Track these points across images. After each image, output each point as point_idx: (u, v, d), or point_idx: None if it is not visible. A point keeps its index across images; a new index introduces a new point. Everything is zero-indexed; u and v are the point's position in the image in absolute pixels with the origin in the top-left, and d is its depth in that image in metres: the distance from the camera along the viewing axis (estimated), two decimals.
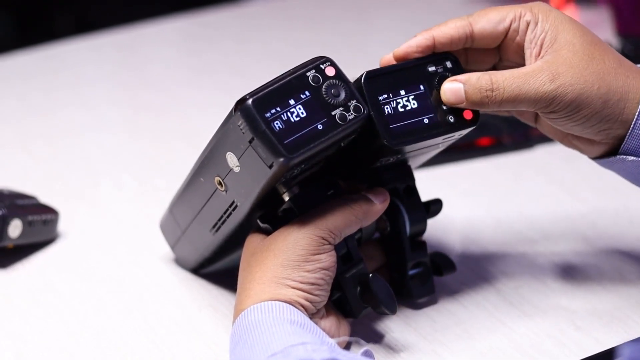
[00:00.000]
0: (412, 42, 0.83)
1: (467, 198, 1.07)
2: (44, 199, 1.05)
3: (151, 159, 1.20)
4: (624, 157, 0.81)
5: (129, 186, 1.14)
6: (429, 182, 1.01)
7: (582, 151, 0.84)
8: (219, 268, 0.93)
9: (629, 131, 0.79)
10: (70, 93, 1.39)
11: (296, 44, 1.53)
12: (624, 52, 1.29)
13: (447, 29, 0.82)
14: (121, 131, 1.29)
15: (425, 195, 0.89)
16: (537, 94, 0.77)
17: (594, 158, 0.84)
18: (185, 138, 1.23)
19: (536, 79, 0.78)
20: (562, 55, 0.78)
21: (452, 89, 0.80)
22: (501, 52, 0.84)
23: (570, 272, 0.92)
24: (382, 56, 0.84)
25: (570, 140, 0.84)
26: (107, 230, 1.04)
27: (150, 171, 1.17)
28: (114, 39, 1.57)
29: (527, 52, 0.81)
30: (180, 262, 0.96)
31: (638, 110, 0.79)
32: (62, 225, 1.03)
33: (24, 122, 1.31)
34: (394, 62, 0.83)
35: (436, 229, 0.98)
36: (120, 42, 1.56)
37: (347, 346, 0.83)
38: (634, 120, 0.79)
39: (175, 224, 0.91)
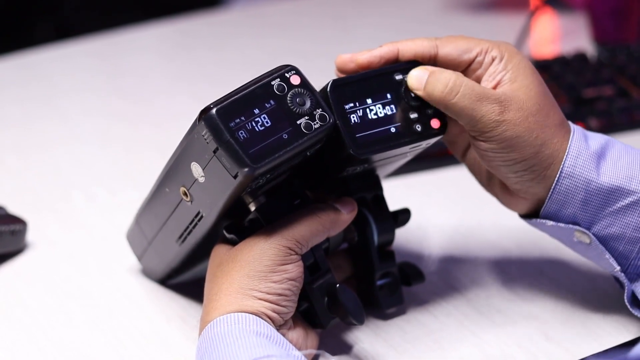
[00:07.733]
0: (376, 53, 0.82)
1: (439, 206, 1.06)
2: (14, 209, 1.04)
3: (124, 170, 1.19)
4: (544, 221, 0.83)
5: (100, 197, 1.13)
6: (402, 191, 1.01)
7: (503, 203, 0.86)
8: (187, 279, 0.92)
9: (549, 195, 0.81)
10: (44, 103, 1.38)
11: (272, 51, 1.52)
12: (600, 60, 1.29)
13: (413, 45, 0.82)
14: (94, 142, 1.28)
15: (397, 204, 0.89)
16: (482, 118, 0.79)
17: (520, 216, 0.86)
18: (159, 148, 1.22)
19: (488, 105, 0.79)
20: (517, 95, 0.80)
21: (418, 75, 0.81)
22: None
23: (542, 282, 0.91)
24: (340, 55, 0.83)
25: (493, 188, 0.86)
26: (76, 241, 1.03)
27: (122, 182, 1.16)
28: (88, 47, 1.56)
29: (484, 84, 0.82)
30: (147, 273, 0.95)
31: (557, 175, 0.80)
32: (31, 236, 1.02)
33: None
34: (351, 62, 0.82)
35: (408, 237, 0.98)
36: (95, 51, 1.55)
37: (314, 358, 0.83)
38: (553, 184, 0.80)
39: (141, 235, 0.90)
